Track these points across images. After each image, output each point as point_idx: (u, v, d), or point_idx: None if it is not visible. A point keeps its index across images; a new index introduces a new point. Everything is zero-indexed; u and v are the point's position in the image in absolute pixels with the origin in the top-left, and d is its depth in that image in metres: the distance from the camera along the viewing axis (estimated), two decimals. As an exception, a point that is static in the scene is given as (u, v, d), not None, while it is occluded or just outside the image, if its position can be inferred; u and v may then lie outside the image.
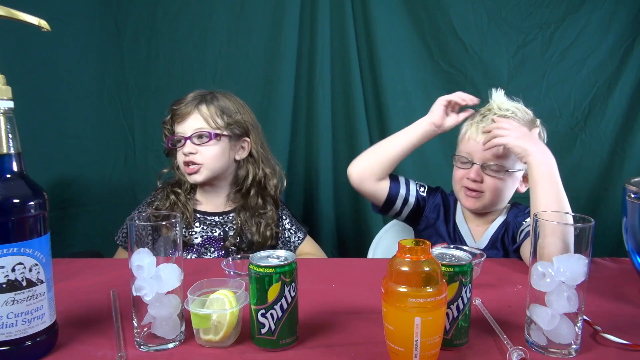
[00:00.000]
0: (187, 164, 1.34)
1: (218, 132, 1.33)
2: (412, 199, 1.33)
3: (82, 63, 1.76)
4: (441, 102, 1.26)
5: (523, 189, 1.28)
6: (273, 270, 0.70)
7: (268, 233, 1.39)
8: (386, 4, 1.72)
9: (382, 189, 1.30)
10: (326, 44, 1.75)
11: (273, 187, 1.43)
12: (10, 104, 0.68)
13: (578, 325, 0.71)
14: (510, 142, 1.12)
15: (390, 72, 1.74)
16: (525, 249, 1.14)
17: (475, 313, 0.81)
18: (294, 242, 1.47)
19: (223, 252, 1.37)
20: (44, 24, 0.75)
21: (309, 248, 1.50)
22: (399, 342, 0.65)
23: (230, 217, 1.40)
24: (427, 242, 0.66)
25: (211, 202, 1.43)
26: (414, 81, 1.78)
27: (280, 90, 1.78)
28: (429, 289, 0.63)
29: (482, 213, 1.30)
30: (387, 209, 1.34)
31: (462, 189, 1.26)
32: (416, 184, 1.36)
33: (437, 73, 1.77)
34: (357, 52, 1.75)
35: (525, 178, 1.26)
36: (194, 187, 1.43)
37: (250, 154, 1.42)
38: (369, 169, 1.29)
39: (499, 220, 1.31)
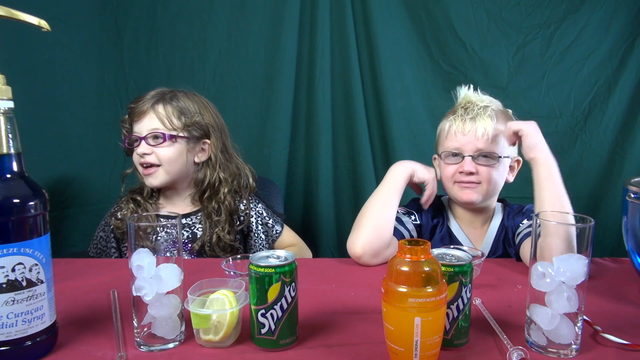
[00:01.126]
0: (142, 165, 1.30)
1: (174, 133, 1.29)
2: (413, 234, 1.28)
3: (82, 63, 1.76)
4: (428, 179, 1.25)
5: (511, 179, 1.28)
6: (273, 270, 0.70)
7: (222, 243, 1.34)
8: (386, 4, 1.72)
9: (393, 249, 1.19)
10: (326, 44, 1.75)
11: (223, 195, 1.36)
12: (10, 104, 0.68)
13: (578, 325, 0.71)
14: (526, 128, 1.11)
15: (390, 72, 1.74)
16: (525, 250, 1.14)
17: (475, 313, 0.81)
18: (272, 235, 1.44)
19: (194, 254, 1.34)
20: (44, 24, 0.75)
21: (288, 239, 1.47)
22: (399, 342, 0.65)
23: (199, 217, 1.37)
24: (427, 242, 0.66)
25: (175, 205, 1.39)
26: (414, 81, 1.78)
27: (280, 90, 1.78)
28: (429, 289, 0.63)
29: (476, 210, 1.29)
30: None
31: (456, 184, 1.24)
32: (405, 215, 1.29)
33: (437, 73, 1.77)
34: (357, 52, 1.75)
35: (512, 167, 1.27)
36: (155, 191, 1.39)
37: (209, 157, 1.37)
38: (377, 244, 1.14)
39: (496, 222, 1.30)
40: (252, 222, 1.42)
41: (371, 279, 1.04)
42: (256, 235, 1.42)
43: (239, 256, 1.01)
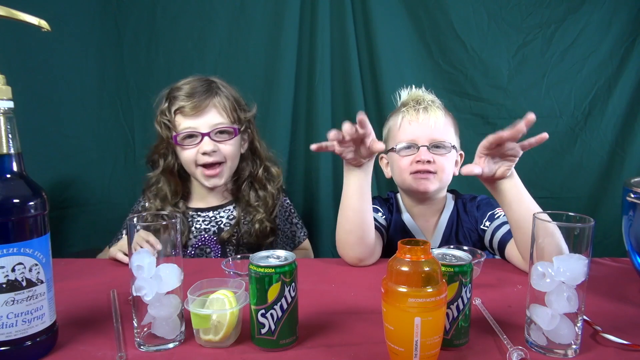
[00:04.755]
0: (205, 165, 1.21)
1: (238, 126, 1.23)
2: (385, 228, 1.30)
3: (82, 63, 1.76)
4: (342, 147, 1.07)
5: (457, 172, 1.30)
6: (273, 270, 0.70)
7: (264, 227, 1.29)
8: (386, 4, 1.72)
9: (380, 243, 1.21)
10: (326, 44, 1.75)
11: (273, 180, 1.34)
12: (10, 104, 0.68)
13: (578, 325, 0.71)
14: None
15: (390, 72, 1.74)
16: (510, 251, 1.14)
17: (475, 313, 0.81)
18: (299, 237, 1.43)
19: (219, 246, 1.32)
20: (44, 24, 0.75)
21: (306, 244, 1.51)
22: (399, 342, 0.65)
23: (227, 210, 1.34)
24: (427, 242, 0.66)
25: (205, 200, 1.34)
26: (414, 81, 1.76)
27: (280, 90, 1.78)
28: (429, 289, 0.63)
29: (427, 202, 1.31)
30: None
31: (411, 175, 1.25)
32: (374, 212, 1.24)
33: (437, 73, 1.77)
34: (357, 52, 1.75)
35: (456, 162, 1.29)
36: (180, 187, 1.32)
37: (252, 147, 1.32)
38: (366, 249, 1.13)
39: (446, 213, 1.32)
40: (278, 216, 1.36)
41: (371, 279, 1.04)
42: (282, 232, 1.37)
43: (238, 256, 1.01)
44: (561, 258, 0.69)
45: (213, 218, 1.33)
